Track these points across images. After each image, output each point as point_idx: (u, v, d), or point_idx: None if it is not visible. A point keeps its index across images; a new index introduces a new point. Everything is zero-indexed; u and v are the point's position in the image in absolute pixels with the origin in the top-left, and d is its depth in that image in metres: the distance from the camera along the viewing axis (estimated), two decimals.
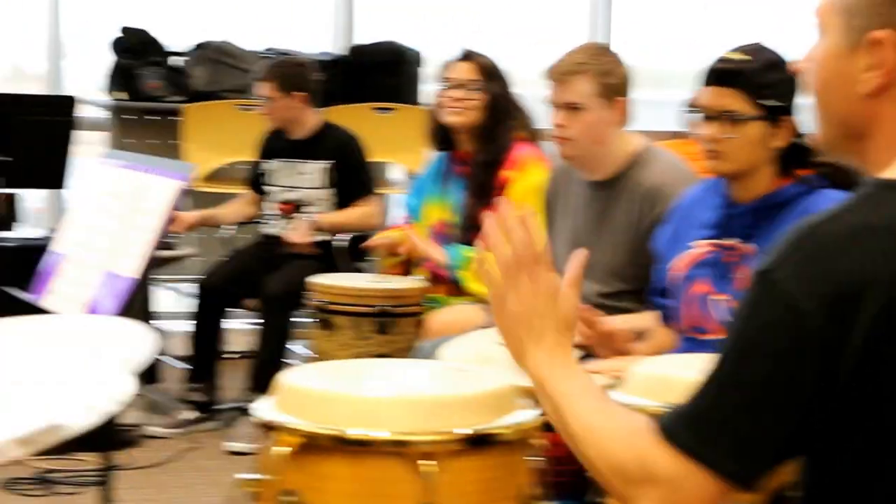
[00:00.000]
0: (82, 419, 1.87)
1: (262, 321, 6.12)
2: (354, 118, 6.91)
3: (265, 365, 5.95)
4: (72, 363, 2.15)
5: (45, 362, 2.19)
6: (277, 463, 2.64)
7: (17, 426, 1.85)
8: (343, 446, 2.61)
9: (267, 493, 2.65)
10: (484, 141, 5.03)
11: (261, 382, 5.88)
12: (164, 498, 5.31)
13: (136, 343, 2.28)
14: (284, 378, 2.81)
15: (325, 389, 2.71)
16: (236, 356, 6.71)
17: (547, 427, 2.92)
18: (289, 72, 6.33)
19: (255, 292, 6.11)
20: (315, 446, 2.61)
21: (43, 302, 3.61)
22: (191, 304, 6.41)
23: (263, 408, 2.76)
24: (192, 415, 6.18)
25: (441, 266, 4.98)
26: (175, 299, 7.40)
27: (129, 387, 1.97)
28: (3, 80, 8.76)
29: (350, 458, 2.61)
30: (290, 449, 2.61)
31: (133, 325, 2.44)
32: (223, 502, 5.01)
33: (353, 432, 2.58)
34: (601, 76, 3.98)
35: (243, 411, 5.95)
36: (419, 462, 2.54)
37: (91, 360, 2.14)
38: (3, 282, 4.84)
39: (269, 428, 2.69)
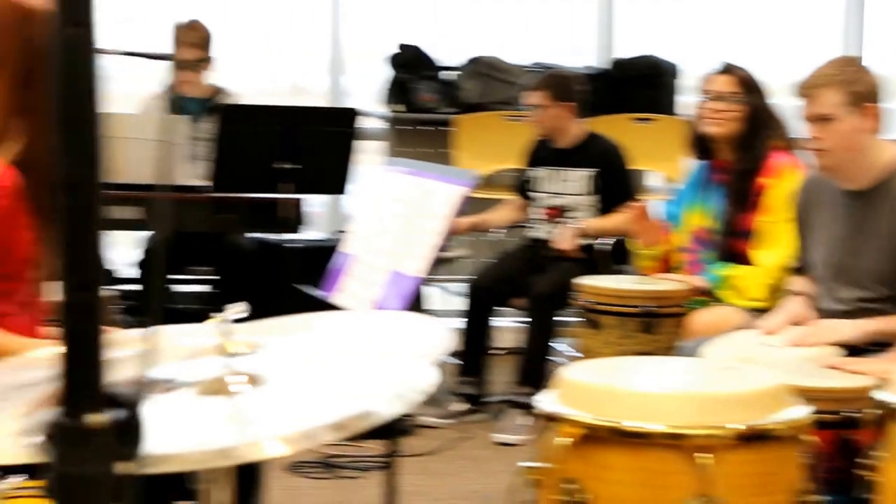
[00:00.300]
0: (390, 407, 1.90)
1: (528, 319, 6.16)
2: (615, 128, 6.87)
3: (532, 361, 6.00)
4: (378, 355, 2.18)
5: (353, 354, 2.22)
6: (559, 452, 2.64)
7: (331, 412, 1.88)
8: (621, 438, 2.61)
9: (548, 481, 2.65)
10: (742, 150, 4.96)
11: (527, 377, 5.92)
12: (435, 484, 5.36)
13: (434, 337, 2.30)
14: (565, 373, 2.81)
15: (605, 384, 2.70)
16: (503, 352, 6.74)
17: (819, 424, 2.88)
18: (560, 83, 6.35)
19: (522, 292, 6.16)
20: (595, 437, 2.61)
21: (333, 299, 3.66)
22: (461, 303, 6.46)
23: (545, 400, 2.77)
24: (462, 406, 6.24)
25: (702, 291, 4.96)
26: (445, 298, 7.46)
27: (431, 378, 1.99)
28: (284, 95, 8.94)
29: (628, 449, 2.61)
30: (571, 439, 2.62)
31: (428, 321, 2.46)
32: (497, 490, 5.04)
33: (631, 425, 2.58)
34: (847, 85, 3.90)
35: (510, 404, 5.99)
36: (695, 455, 2.52)
37: (395, 353, 2.16)
38: (293, 280, 4.95)
39: (551, 419, 2.69)
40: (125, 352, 1.50)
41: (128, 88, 6.69)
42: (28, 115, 3.14)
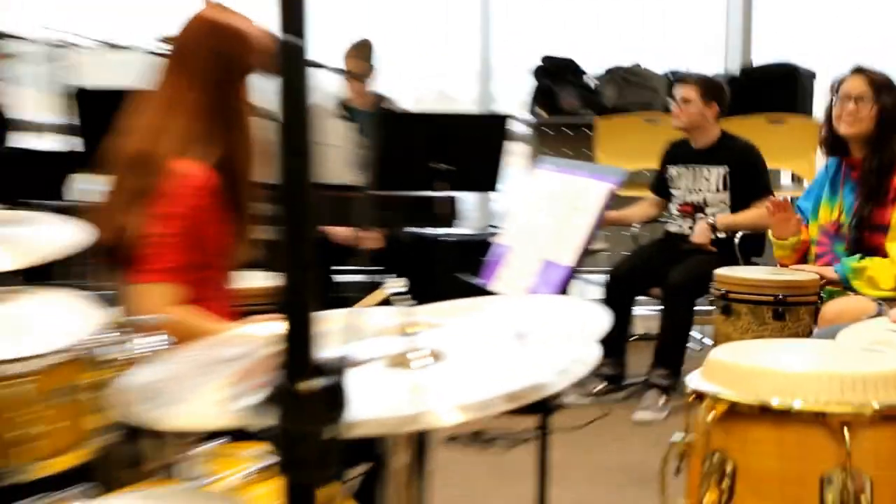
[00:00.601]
0: (558, 381, 1.93)
1: (665, 307, 6.16)
2: (749, 128, 6.84)
3: (668, 345, 6.01)
4: (543, 334, 2.20)
5: (520, 333, 2.24)
6: (706, 427, 2.65)
7: (504, 385, 1.92)
8: (765, 414, 2.58)
9: (696, 452, 2.66)
10: (875, 149, 4.90)
11: (664, 360, 5.94)
12: (580, 457, 5.38)
13: (592, 318, 2.32)
14: (712, 355, 2.81)
15: (750, 364, 2.69)
16: (642, 338, 6.76)
17: None
18: (712, 84, 6.36)
19: (659, 282, 6.16)
20: (739, 413, 2.60)
21: (491, 287, 3.69)
22: (601, 292, 6.48)
23: (694, 379, 2.78)
24: (603, 386, 6.28)
25: (834, 281, 4.93)
26: (586, 287, 7.49)
27: (595, 355, 2.01)
28: (432, 101, 9.04)
29: (772, 425, 2.58)
30: (717, 414, 2.63)
31: (586, 304, 2.48)
32: (636, 462, 5.06)
33: (776, 402, 2.57)
34: None
35: (648, 385, 6.00)
36: (836, 430, 2.51)
37: (559, 332, 2.18)
38: (451, 269, 5.01)
39: (698, 396, 2.70)
40: (329, 329, 1.56)
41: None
42: (226, 123, 3.24)
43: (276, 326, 1.45)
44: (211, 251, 3.26)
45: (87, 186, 5.23)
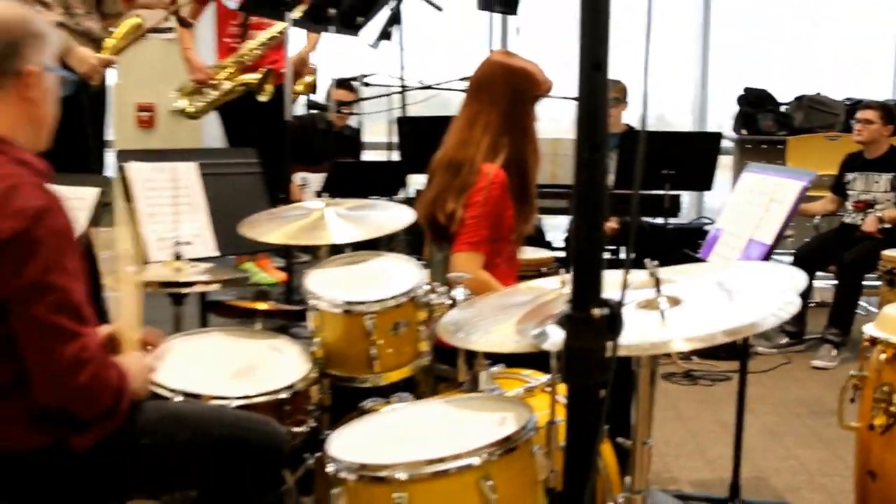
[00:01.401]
0: (769, 321, 1.96)
1: (839, 280, 6.01)
2: None
3: (840, 310, 5.88)
4: (753, 286, 2.20)
5: (736, 286, 2.25)
6: (878, 364, 2.62)
7: (726, 323, 1.95)
8: None
9: (869, 385, 2.64)
10: None
11: (837, 322, 5.82)
12: (768, 393, 5.32)
13: (793, 276, 2.32)
14: (884, 310, 2.76)
15: None
16: (819, 305, 6.61)
17: None
18: (890, 109, 6.21)
19: (835, 261, 6.01)
20: None
21: (708, 260, 3.68)
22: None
23: (869, 328, 2.74)
24: (787, 341, 6.16)
25: None
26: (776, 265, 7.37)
27: (796, 304, 2.02)
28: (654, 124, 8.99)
29: None
30: (886, 355, 2.60)
31: (787, 267, 2.48)
32: (813, 398, 4.98)
33: None
34: None
35: (823, 340, 5.87)
36: None
37: (766, 285, 2.17)
38: (676, 248, 5.02)
39: (873, 341, 2.67)
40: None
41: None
42: (512, 136, 3.34)
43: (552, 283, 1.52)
44: (504, 230, 3.37)
45: (413, 185, 5.44)
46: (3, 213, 2.00)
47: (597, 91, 1.42)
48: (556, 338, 1.63)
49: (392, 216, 3.50)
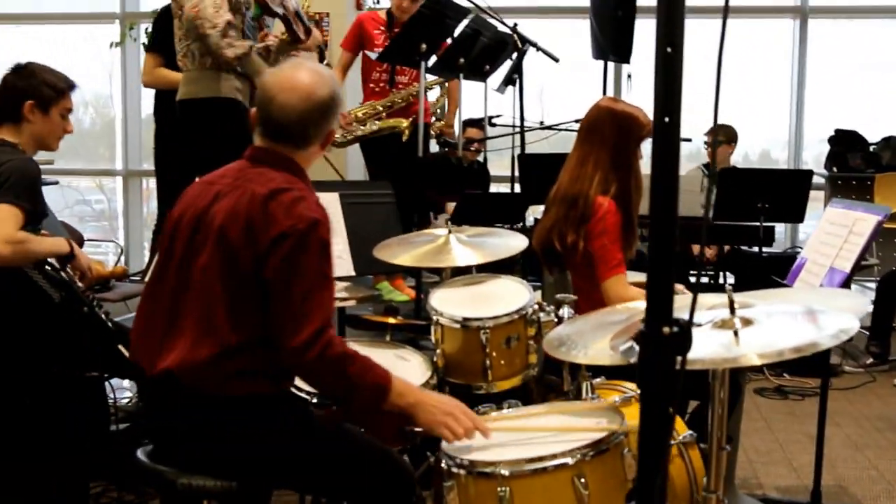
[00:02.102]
0: (828, 340, 1.94)
1: None
2: None
3: None
4: (823, 311, 2.17)
5: (808, 310, 2.22)
6: None
7: (792, 341, 1.94)
8: None
9: None
10: None
11: None
12: (852, 408, 5.21)
13: (857, 302, 2.30)
14: None
15: None
16: None
17: None
18: None
19: None
20: None
21: (794, 287, 3.62)
22: (874, 295, 6.19)
23: None
24: (872, 361, 5.96)
25: None
26: (863, 290, 7.16)
27: (854, 326, 1.99)
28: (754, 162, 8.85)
29: None
30: None
31: (853, 293, 2.44)
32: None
33: None
34: None
35: None
36: None
37: (833, 310, 2.15)
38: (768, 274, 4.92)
39: None
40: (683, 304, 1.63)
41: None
42: (619, 172, 3.37)
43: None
44: (619, 252, 3.39)
45: (532, 215, 5.48)
46: (289, 215, 2.30)
47: (672, 69, 1.42)
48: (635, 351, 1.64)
49: (507, 243, 3.55)
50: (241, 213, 2.32)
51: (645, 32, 6.10)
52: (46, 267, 3.24)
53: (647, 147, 3.68)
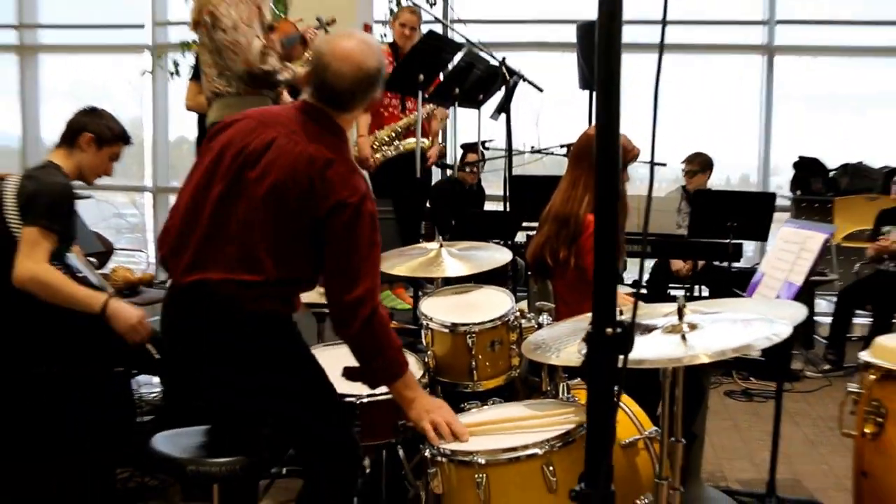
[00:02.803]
0: (760, 343, 2.00)
1: (874, 317, 5.88)
2: None
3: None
4: (764, 318, 2.23)
5: (750, 318, 2.28)
6: (870, 384, 2.62)
7: (733, 342, 2.01)
8: None
9: (863, 400, 2.64)
10: None
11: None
12: (810, 410, 5.23)
13: (795, 312, 2.36)
14: (876, 340, 2.74)
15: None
16: (859, 338, 6.45)
17: None
18: None
19: (871, 301, 5.89)
20: (892, 376, 2.57)
21: (752, 298, 3.65)
22: (833, 306, 6.25)
23: (864, 354, 2.71)
24: (829, 367, 6.02)
25: None
26: (824, 304, 7.22)
27: (787, 332, 2.05)
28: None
29: None
30: (875, 376, 2.60)
31: (795, 305, 2.51)
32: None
33: None
34: None
35: (860, 367, 5.71)
36: None
37: (772, 318, 2.22)
38: (731, 287, 4.97)
39: (867, 365, 2.67)
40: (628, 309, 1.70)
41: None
42: None
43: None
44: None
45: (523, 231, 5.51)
46: (345, 185, 2.39)
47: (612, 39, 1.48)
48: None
49: (493, 255, 3.59)
50: (301, 176, 2.38)
51: (627, 65, 6.16)
52: (79, 275, 3.31)
53: (635, 170, 3.76)
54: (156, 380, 4.33)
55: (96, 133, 3.32)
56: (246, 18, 3.86)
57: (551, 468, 2.22)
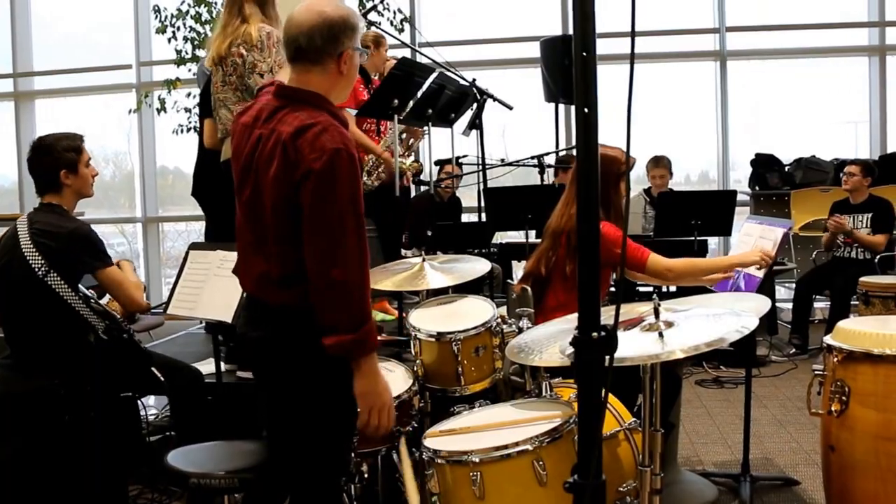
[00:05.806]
0: (733, 336, 2.04)
1: (833, 301, 5.92)
2: (884, 192, 6.46)
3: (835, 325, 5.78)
4: (732, 311, 2.27)
5: (720, 311, 2.31)
6: (833, 365, 2.66)
7: (705, 337, 2.05)
8: (868, 357, 2.57)
9: (827, 380, 2.67)
10: None
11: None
12: (776, 392, 5.27)
13: (759, 304, 2.41)
14: (839, 324, 2.77)
15: (860, 329, 2.68)
16: (821, 321, 6.52)
17: None
18: (870, 165, 6.23)
19: (829, 287, 5.95)
20: (854, 357, 2.60)
21: (717, 293, 3.67)
22: (793, 293, 6.32)
23: (827, 338, 2.77)
24: (794, 351, 6.08)
25: None
26: (785, 291, 7.29)
27: (754, 324, 2.09)
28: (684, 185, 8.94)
29: (872, 364, 2.56)
30: (838, 358, 2.64)
31: (758, 297, 2.55)
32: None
33: (876, 351, 2.55)
34: None
35: (822, 349, 5.75)
36: None
37: (740, 311, 2.26)
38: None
39: (829, 348, 2.71)
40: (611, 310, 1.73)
41: None
42: (607, 203, 3.32)
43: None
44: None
45: (496, 240, 5.50)
46: (313, 148, 2.12)
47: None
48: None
49: (473, 267, 3.59)
50: (276, 158, 2.18)
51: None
52: (91, 302, 3.33)
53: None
54: (152, 400, 4.33)
55: (67, 164, 3.34)
56: (280, 62, 3.74)
57: (541, 462, 2.25)
